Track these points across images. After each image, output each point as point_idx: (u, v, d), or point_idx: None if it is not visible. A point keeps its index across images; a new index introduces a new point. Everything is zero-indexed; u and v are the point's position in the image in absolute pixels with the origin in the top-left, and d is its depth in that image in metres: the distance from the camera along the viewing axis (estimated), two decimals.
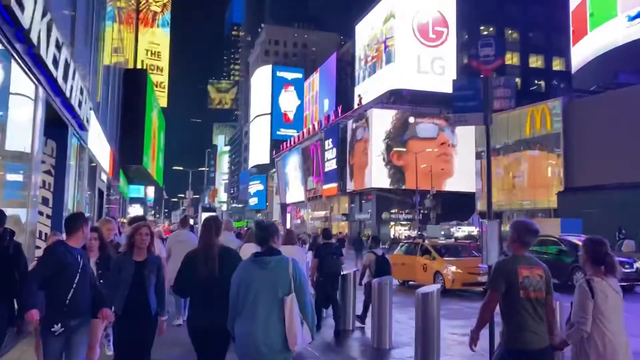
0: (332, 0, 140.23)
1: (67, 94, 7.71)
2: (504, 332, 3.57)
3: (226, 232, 6.75)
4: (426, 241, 15.43)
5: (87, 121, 10.08)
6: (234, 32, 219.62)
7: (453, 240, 24.08)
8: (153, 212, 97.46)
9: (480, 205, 46.42)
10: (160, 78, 33.13)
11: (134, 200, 46.73)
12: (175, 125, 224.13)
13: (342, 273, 8.80)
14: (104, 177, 14.99)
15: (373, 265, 8.77)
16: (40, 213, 7.88)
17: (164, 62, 33.58)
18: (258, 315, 3.24)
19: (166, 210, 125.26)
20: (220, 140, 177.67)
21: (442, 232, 36.77)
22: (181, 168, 59.65)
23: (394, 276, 15.29)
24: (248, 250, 6.63)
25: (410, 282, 14.93)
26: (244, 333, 3.27)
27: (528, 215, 43.76)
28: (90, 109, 10.53)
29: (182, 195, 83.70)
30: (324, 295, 8.38)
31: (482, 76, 5.65)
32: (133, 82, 22.65)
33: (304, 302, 3.32)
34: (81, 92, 8.99)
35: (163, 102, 33.16)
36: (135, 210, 48.02)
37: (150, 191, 56.47)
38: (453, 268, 13.08)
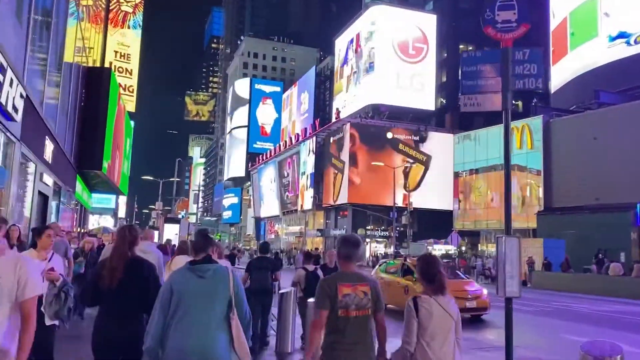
0: (312, 15, 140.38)
1: None
2: (322, 351, 3.38)
3: (146, 241, 6.09)
4: (408, 260, 13.85)
5: (15, 110, 8.45)
6: (213, 45, 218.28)
7: None
8: (125, 223, 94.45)
9: (457, 224, 45.52)
10: (128, 81, 31.42)
11: (104, 211, 44.76)
12: (151, 135, 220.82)
13: (273, 290, 8.44)
14: (48, 180, 13.24)
15: (303, 281, 8.27)
16: None
17: (134, 64, 31.87)
18: (196, 326, 3.06)
19: (137, 222, 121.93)
20: (196, 152, 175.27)
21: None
22: (151, 178, 57.40)
23: None
24: (181, 262, 5.91)
25: (389, 307, 13.48)
26: (181, 343, 3.05)
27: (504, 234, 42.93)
28: (22, 97, 8.91)
29: (154, 207, 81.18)
30: None
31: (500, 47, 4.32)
32: (94, 81, 20.97)
33: (243, 315, 3.22)
34: (2, 70, 7.41)
35: (131, 106, 31.38)
36: (106, 222, 45.96)
37: (122, 202, 54.24)
38: None
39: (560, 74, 42.68)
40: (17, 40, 9.07)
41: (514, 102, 60.64)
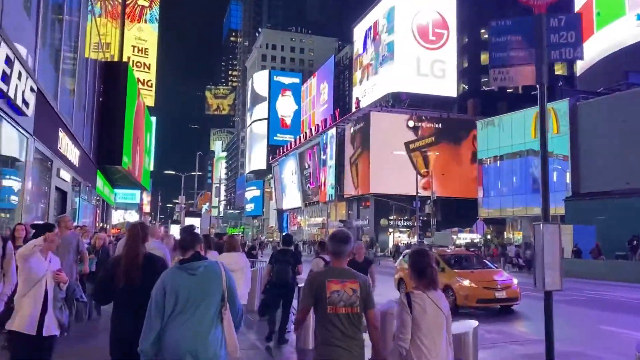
0: (330, 5, 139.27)
1: None
2: (315, 345, 3.42)
3: (152, 238, 5.84)
4: (433, 249, 13.34)
5: (26, 104, 8.27)
6: (232, 38, 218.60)
7: (463, 248, 21.92)
8: (150, 218, 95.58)
9: (482, 212, 44.69)
10: (147, 76, 31.37)
11: (128, 207, 45.22)
12: (173, 131, 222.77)
13: (296, 284, 8.18)
14: (65, 175, 13.14)
15: None
16: None
17: (152, 59, 31.81)
18: (191, 324, 3.09)
19: (162, 216, 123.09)
20: (217, 146, 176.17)
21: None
22: (173, 172, 57.69)
23: (397, 288, 13.55)
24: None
25: None
26: (175, 342, 3.08)
27: (530, 221, 41.98)
28: (33, 91, 8.73)
29: (177, 201, 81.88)
30: (265, 302, 8.15)
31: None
32: (112, 75, 20.88)
33: (235, 310, 3.27)
34: (8, 63, 7.20)
35: (150, 101, 31.36)
36: (131, 217, 46.48)
37: (147, 197, 54.73)
38: (466, 282, 11.18)
39: (587, 55, 41.21)
40: (26, 34, 8.88)
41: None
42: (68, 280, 4.25)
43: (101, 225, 23.85)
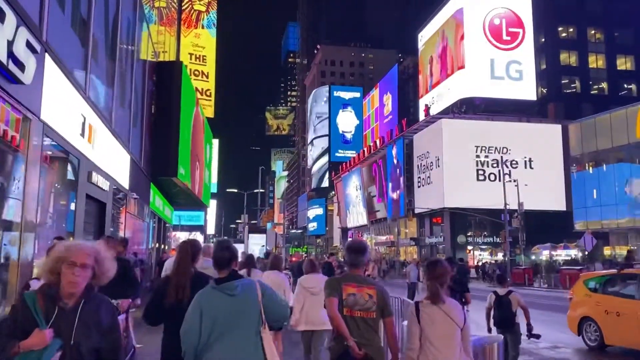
0: (390, 17, 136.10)
1: None
2: (332, 347, 3.44)
3: (205, 258, 5.00)
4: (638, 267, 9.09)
5: (17, 63, 5.59)
6: (290, 59, 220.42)
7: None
8: (214, 239, 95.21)
9: (579, 225, 39.64)
10: (205, 85, 29.37)
11: (192, 228, 44.39)
12: (234, 153, 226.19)
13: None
14: (103, 184, 10.56)
15: (493, 309, 6.80)
16: None
17: (210, 66, 29.80)
18: (230, 346, 2.87)
19: (226, 237, 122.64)
20: (278, 166, 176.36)
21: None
22: (235, 190, 55.96)
23: (576, 332, 9.44)
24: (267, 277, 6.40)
25: (628, 348, 8.89)
26: None
27: (637, 235, 36.69)
28: (34, 52, 6.09)
29: (240, 221, 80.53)
30: None
31: None
32: (164, 76, 18.66)
33: (277, 318, 3.05)
34: None
35: (210, 112, 29.30)
36: (195, 238, 45.21)
37: (211, 218, 53.84)
38: None
39: None
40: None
41: (625, 85, 53.21)
42: None
43: (158, 245, 21.54)
